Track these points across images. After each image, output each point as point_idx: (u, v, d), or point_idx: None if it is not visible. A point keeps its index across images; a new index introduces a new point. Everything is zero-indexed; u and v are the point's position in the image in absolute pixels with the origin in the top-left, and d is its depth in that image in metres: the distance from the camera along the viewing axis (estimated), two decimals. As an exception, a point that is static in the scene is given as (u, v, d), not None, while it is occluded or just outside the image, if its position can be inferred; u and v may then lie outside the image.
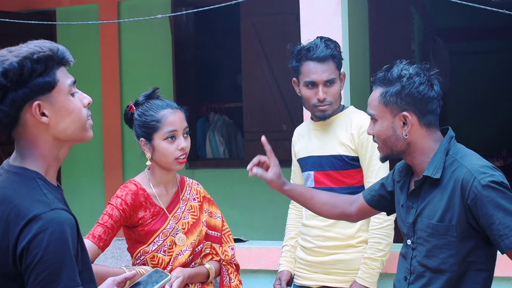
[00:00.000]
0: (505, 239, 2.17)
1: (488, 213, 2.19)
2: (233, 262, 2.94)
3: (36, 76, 1.73)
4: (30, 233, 1.65)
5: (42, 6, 6.75)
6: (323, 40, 3.12)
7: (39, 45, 1.77)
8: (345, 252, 3.12)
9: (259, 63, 6.34)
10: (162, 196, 2.79)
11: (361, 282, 3.05)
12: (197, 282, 2.80)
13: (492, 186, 2.20)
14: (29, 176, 1.75)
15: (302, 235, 3.26)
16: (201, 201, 2.89)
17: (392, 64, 2.40)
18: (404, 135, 2.33)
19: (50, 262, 1.65)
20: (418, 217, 2.34)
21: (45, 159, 1.79)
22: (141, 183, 2.78)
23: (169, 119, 2.73)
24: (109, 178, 6.53)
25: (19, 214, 1.68)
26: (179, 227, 2.78)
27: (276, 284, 3.22)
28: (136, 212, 2.73)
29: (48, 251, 1.64)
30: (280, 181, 2.66)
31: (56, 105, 1.77)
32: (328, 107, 3.09)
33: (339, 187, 3.10)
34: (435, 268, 2.30)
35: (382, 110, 2.35)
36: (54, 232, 1.66)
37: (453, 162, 2.30)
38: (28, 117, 1.75)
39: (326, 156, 3.13)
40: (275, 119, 6.25)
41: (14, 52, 1.74)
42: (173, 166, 2.75)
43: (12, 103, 1.72)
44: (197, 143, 6.98)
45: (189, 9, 6.42)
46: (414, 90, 2.31)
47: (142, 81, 6.26)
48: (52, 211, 1.68)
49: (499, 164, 7.83)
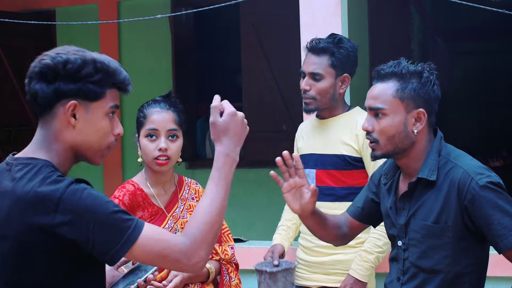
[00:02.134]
0: (504, 239, 2.17)
1: (486, 214, 2.19)
2: (233, 261, 2.93)
3: (89, 82, 1.79)
4: (62, 208, 1.69)
5: (42, 6, 6.75)
6: (336, 37, 3.11)
7: (109, 61, 1.84)
8: (344, 252, 3.11)
9: (259, 63, 6.33)
10: (160, 196, 2.79)
11: (352, 274, 3.02)
12: (196, 282, 2.79)
13: (489, 187, 2.20)
14: (42, 164, 1.77)
15: (302, 234, 3.26)
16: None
17: (398, 60, 2.36)
18: (415, 133, 2.30)
19: (91, 214, 1.70)
20: (411, 219, 2.33)
21: (58, 156, 1.82)
22: (139, 183, 2.78)
23: (152, 116, 2.72)
24: (109, 178, 6.53)
25: (44, 199, 1.70)
26: (178, 227, 2.78)
27: (268, 256, 3.09)
28: (134, 212, 2.73)
29: (86, 203, 1.71)
30: (313, 205, 2.40)
31: (90, 116, 1.82)
32: (310, 101, 3.08)
33: (340, 187, 3.09)
34: (430, 268, 2.29)
35: (397, 105, 2.29)
36: (84, 190, 1.72)
37: (446, 163, 2.29)
38: (61, 110, 1.80)
39: (328, 155, 3.12)
40: (275, 119, 6.25)
41: (85, 53, 1.82)
42: (153, 166, 2.73)
43: (56, 91, 1.78)
44: (197, 143, 6.98)
45: (189, 9, 6.42)
46: (431, 89, 2.30)
47: (142, 81, 6.27)
48: (73, 183, 1.72)
49: (499, 164, 7.83)
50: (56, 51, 1.82)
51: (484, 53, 9.45)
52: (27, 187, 1.72)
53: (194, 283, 2.80)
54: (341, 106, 3.16)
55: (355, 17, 4.68)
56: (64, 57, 1.78)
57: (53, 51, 1.82)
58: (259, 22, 6.28)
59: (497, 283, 3.24)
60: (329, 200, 3.07)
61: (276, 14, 6.14)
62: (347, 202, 3.04)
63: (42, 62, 1.79)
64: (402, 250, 2.37)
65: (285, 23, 5.83)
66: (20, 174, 1.76)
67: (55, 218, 1.69)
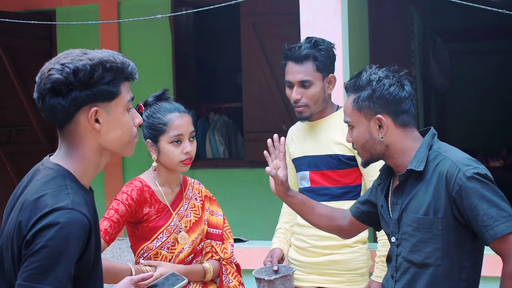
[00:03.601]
0: (490, 229, 2.19)
1: (472, 204, 2.20)
2: (233, 262, 2.94)
3: (103, 83, 1.80)
4: (40, 224, 1.68)
5: (42, 6, 6.75)
6: (312, 40, 3.11)
7: (113, 56, 1.84)
8: (341, 252, 3.10)
9: (259, 63, 6.34)
10: (167, 194, 2.83)
11: (379, 281, 2.99)
12: (192, 280, 2.81)
13: (476, 178, 2.22)
14: (61, 173, 1.79)
15: (296, 235, 3.23)
16: (203, 200, 2.93)
17: (361, 70, 2.43)
18: (381, 138, 2.35)
19: (46, 255, 1.67)
20: (404, 213, 2.36)
21: (84, 162, 1.83)
22: (146, 180, 2.82)
23: (175, 122, 2.76)
24: (109, 178, 6.53)
25: (39, 206, 1.72)
26: (182, 225, 2.82)
27: (267, 261, 3.11)
28: (141, 207, 2.77)
29: (50, 244, 1.67)
30: (287, 184, 2.67)
31: (112, 116, 1.83)
32: (303, 109, 3.09)
33: (335, 187, 3.10)
34: (420, 262, 2.31)
35: (356, 116, 2.38)
36: (62, 229, 1.68)
37: (436, 156, 2.32)
38: (83, 119, 1.81)
39: (321, 156, 3.12)
40: (275, 119, 6.25)
41: (88, 55, 1.80)
42: (178, 168, 2.80)
43: (73, 101, 1.78)
44: (197, 143, 6.97)
45: (189, 9, 6.43)
46: (385, 92, 2.33)
47: (142, 81, 6.24)
48: (69, 210, 1.71)
49: (499, 164, 7.83)
50: (61, 61, 1.79)
51: (484, 53, 9.44)
52: (34, 192, 1.76)
53: (195, 282, 2.82)
54: (330, 106, 3.17)
55: (355, 16, 4.68)
56: (72, 66, 1.77)
57: (57, 62, 1.80)
58: (259, 22, 6.29)
59: (496, 283, 3.23)
60: (325, 200, 3.07)
61: (276, 14, 6.15)
62: (343, 201, 3.06)
63: (52, 78, 1.77)
64: (395, 245, 2.40)
65: (285, 23, 5.84)
66: (39, 177, 1.80)
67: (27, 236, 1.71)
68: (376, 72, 2.38)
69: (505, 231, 2.18)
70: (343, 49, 3.72)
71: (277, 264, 3.03)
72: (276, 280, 2.84)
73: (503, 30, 8.48)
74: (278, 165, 2.67)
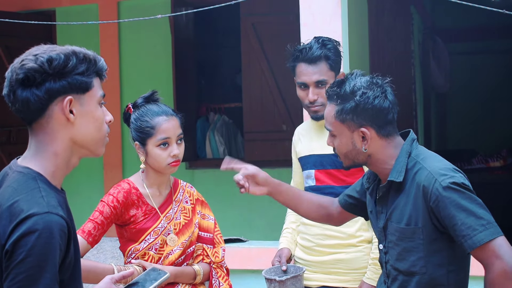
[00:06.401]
0: (468, 239, 2.17)
1: (450, 214, 2.19)
2: (224, 266, 2.96)
3: (77, 73, 1.79)
4: (18, 232, 1.65)
5: (42, 6, 6.76)
6: (320, 40, 3.12)
7: (85, 50, 1.83)
8: (346, 251, 3.12)
9: (259, 63, 6.34)
10: (155, 197, 2.85)
11: (370, 283, 3.02)
12: (182, 282, 2.83)
13: (452, 188, 2.21)
14: (31, 176, 1.76)
15: (301, 234, 3.25)
16: (194, 203, 2.95)
17: (344, 78, 2.39)
18: (364, 149, 2.34)
19: (31, 265, 1.64)
20: (388, 222, 2.37)
21: (56, 160, 1.80)
22: (134, 182, 2.84)
23: (162, 126, 2.78)
24: (108, 178, 6.53)
25: (14, 213, 1.68)
26: (171, 227, 2.83)
27: (275, 261, 3.12)
28: (127, 210, 2.79)
29: (32, 253, 1.64)
30: (263, 174, 2.67)
31: (85, 108, 1.81)
32: (320, 108, 3.10)
33: (340, 186, 3.10)
34: (406, 270, 2.32)
35: (339, 127, 2.36)
36: (42, 235, 1.65)
37: (415, 164, 2.31)
38: (56, 110, 1.78)
39: (327, 155, 3.13)
40: (275, 119, 6.25)
41: (61, 48, 1.80)
42: (166, 171, 2.82)
43: (48, 91, 1.76)
44: (197, 143, 6.97)
45: (189, 9, 6.42)
46: (369, 106, 2.30)
47: (142, 81, 6.26)
48: (45, 214, 1.67)
49: (499, 164, 7.81)
50: (33, 52, 1.78)
51: (484, 53, 9.44)
52: (7, 199, 1.71)
53: (184, 284, 2.83)
54: None
55: (355, 16, 4.68)
56: (45, 56, 1.76)
57: (29, 54, 1.78)
58: (259, 22, 6.29)
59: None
60: None
61: (276, 14, 6.15)
62: (347, 200, 3.06)
63: (26, 67, 1.76)
64: (383, 253, 2.42)
65: (285, 23, 5.84)
66: (9, 182, 1.76)
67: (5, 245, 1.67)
68: (360, 81, 2.33)
69: (484, 240, 2.16)
70: (343, 49, 3.72)
71: (285, 264, 3.04)
72: (287, 281, 2.86)
73: (503, 30, 8.47)
74: (238, 179, 2.74)
